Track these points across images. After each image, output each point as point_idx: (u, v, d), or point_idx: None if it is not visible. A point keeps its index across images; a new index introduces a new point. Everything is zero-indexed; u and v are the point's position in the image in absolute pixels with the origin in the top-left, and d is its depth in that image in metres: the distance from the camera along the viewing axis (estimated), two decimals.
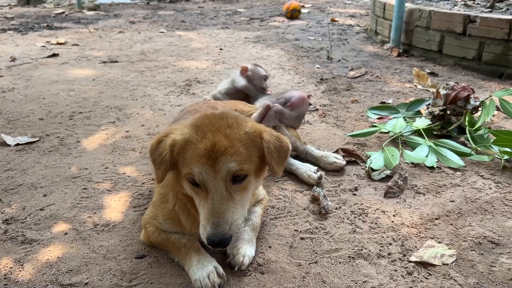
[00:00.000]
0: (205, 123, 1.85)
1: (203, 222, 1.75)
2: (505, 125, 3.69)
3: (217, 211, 1.73)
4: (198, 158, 1.74)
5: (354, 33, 7.94)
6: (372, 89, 4.76)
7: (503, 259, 2.11)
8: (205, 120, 1.87)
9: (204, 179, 1.74)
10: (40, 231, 2.35)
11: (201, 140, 1.77)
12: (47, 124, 3.80)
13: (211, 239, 1.71)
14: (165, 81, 5.13)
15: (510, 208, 2.52)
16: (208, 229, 1.71)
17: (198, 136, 1.79)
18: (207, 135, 1.79)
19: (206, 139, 1.77)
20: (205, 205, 1.76)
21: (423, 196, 2.67)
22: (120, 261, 2.12)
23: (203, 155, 1.74)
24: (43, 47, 6.88)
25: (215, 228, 1.71)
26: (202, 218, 1.76)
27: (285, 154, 1.95)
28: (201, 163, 1.74)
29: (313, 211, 2.52)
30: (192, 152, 1.76)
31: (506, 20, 4.88)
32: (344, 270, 2.05)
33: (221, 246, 1.74)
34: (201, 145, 1.76)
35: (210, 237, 1.71)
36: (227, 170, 1.75)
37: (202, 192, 1.78)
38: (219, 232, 1.70)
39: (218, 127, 1.82)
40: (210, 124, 1.83)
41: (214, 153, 1.74)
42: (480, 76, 5.14)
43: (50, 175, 2.94)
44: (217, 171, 1.74)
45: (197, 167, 1.74)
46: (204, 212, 1.75)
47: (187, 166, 1.76)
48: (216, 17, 10.12)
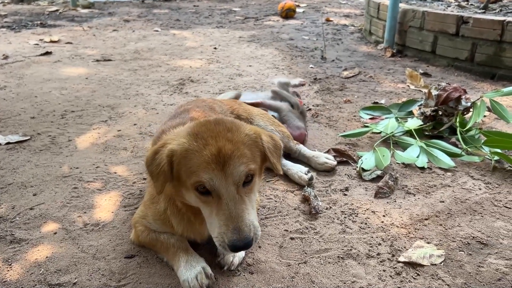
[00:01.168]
0: (202, 130, 1.81)
1: (221, 229, 1.69)
2: (496, 125, 3.71)
3: (235, 216, 1.68)
4: (206, 165, 1.69)
5: (348, 33, 7.95)
6: (365, 89, 4.77)
7: (491, 259, 2.12)
8: (202, 127, 1.83)
9: (215, 185, 1.69)
10: (29, 230, 2.34)
11: (204, 147, 1.72)
12: (38, 122, 3.78)
13: (235, 244, 1.66)
14: (158, 80, 5.12)
15: (499, 209, 2.54)
16: (230, 236, 1.66)
17: (200, 143, 1.74)
18: (209, 141, 1.74)
19: (210, 145, 1.73)
20: (219, 212, 1.70)
21: (413, 197, 2.68)
22: (109, 261, 2.11)
23: (211, 161, 1.70)
24: (36, 45, 6.84)
25: (238, 233, 1.66)
26: (219, 225, 1.70)
27: (280, 152, 2.00)
28: (210, 169, 1.69)
29: (303, 211, 2.53)
30: (197, 160, 1.71)
31: (499, 21, 4.91)
32: (333, 270, 2.06)
33: (244, 249, 1.72)
34: (205, 151, 1.71)
35: (234, 243, 1.66)
36: (238, 174, 1.72)
37: (212, 200, 1.73)
38: (242, 236, 1.66)
39: (218, 132, 1.79)
40: (208, 131, 1.79)
41: (221, 157, 1.71)
42: (473, 77, 5.16)
43: (41, 174, 2.92)
44: (227, 176, 1.70)
45: (206, 174, 1.69)
46: (220, 219, 1.69)
47: (194, 175, 1.71)
48: (211, 16, 10.11)
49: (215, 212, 1.72)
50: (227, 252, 1.73)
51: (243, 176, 1.73)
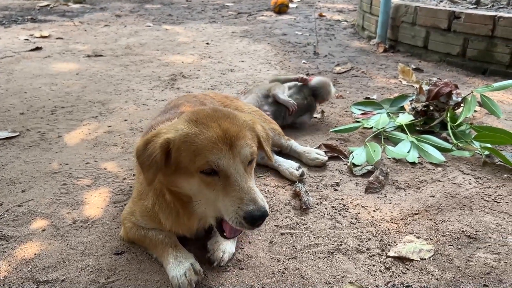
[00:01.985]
0: (201, 116, 1.81)
1: (235, 204, 1.66)
2: (487, 121, 3.73)
3: (247, 189, 1.68)
4: (213, 145, 1.70)
5: (341, 29, 7.95)
6: (357, 85, 4.77)
7: (479, 253, 2.13)
8: (199, 114, 1.84)
9: (224, 164, 1.69)
10: (18, 227, 2.32)
11: (208, 130, 1.74)
12: (28, 118, 3.75)
13: (254, 214, 1.64)
14: (149, 75, 5.08)
15: (488, 203, 2.55)
16: (245, 208, 1.64)
17: (201, 127, 1.75)
18: (211, 125, 1.76)
19: (214, 128, 1.74)
20: (229, 190, 1.69)
21: (404, 192, 2.69)
22: (98, 258, 2.10)
23: (218, 142, 1.71)
24: (26, 40, 6.77)
25: (253, 203, 1.65)
26: (232, 201, 1.67)
27: (270, 141, 2.07)
28: (217, 149, 1.70)
29: (294, 207, 2.52)
30: (201, 142, 1.71)
31: (490, 17, 4.92)
32: (323, 265, 2.06)
33: (261, 220, 1.68)
34: (210, 133, 1.72)
35: (252, 213, 1.63)
36: (245, 154, 1.75)
37: (219, 181, 1.71)
38: (258, 206, 1.65)
39: (218, 117, 1.80)
40: (207, 117, 1.80)
41: (227, 138, 1.73)
42: (464, 72, 5.18)
43: (30, 170, 2.90)
44: (235, 155, 1.72)
45: (214, 154, 1.69)
46: (232, 195, 1.67)
47: (201, 157, 1.69)
48: (203, 11, 10.05)
49: (223, 192, 1.70)
50: (246, 227, 1.68)
51: (249, 156, 1.76)
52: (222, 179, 1.71)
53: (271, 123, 3.05)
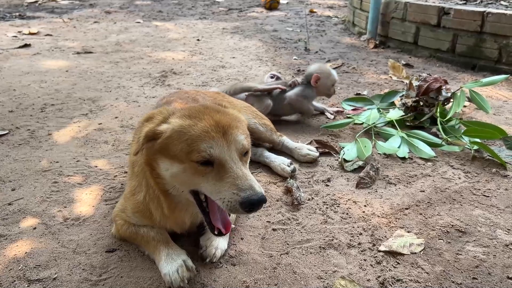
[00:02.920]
0: (192, 112, 1.83)
1: (230, 190, 1.65)
2: (476, 116, 3.76)
3: (242, 176, 1.67)
4: (206, 134, 1.71)
5: (332, 25, 7.96)
6: (348, 81, 4.79)
7: (469, 247, 2.16)
8: (191, 110, 1.85)
9: (216, 152, 1.69)
10: (8, 226, 2.30)
11: (200, 121, 1.75)
12: (17, 116, 3.71)
13: (251, 199, 1.61)
14: (140, 72, 5.06)
15: (477, 197, 2.58)
16: (242, 193, 1.62)
17: (194, 120, 1.77)
18: (204, 117, 1.77)
19: (206, 120, 1.76)
20: (224, 177, 1.67)
21: (394, 187, 2.71)
22: (90, 255, 2.09)
23: (210, 130, 1.72)
24: (14, 37, 6.69)
25: (251, 189, 1.63)
26: (228, 187, 1.65)
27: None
28: (209, 137, 1.71)
29: (286, 203, 2.53)
30: (194, 133, 1.72)
31: (479, 12, 4.96)
32: (314, 260, 2.07)
33: (259, 207, 1.66)
34: (202, 124, 1.74)
35: (250, 197, 1.61)
36: (240, 142, 1.76)
37: (213, 170, 1.71)
38: (256, 191, 1.63)
39: (209, 112, 1.82)
40: (199, 112, 1.82)
41: (220, 127, 1.75)
42: (454, 68, 5.22)
43: (20, 168, 2.87)
44: (230, 143, 1.73)
45: (206, 143, 1.70)
46: (228, 181, 1.66)
47: (194, 146, 1.69)
48: (194, 7, 10.01)
49: (218, 179, 1.69)
50: (240, 212, 1.66)
51: (245, 144, 1.78)
52: (217, 167, 1.71)
53: (262, 119, 3.05)
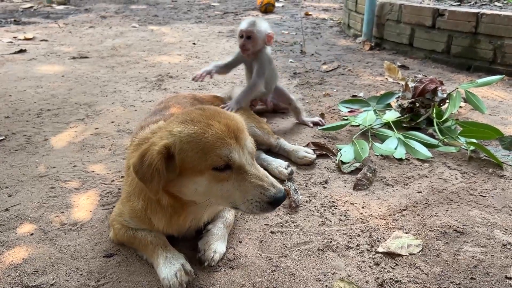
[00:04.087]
0: (193, 116, 1.81)
1: (256, 191, 1.71)
2: (472, 116, 3.78)
3: (263, 176, 1.75)
4: (222, 141, 1.72)
5: (327, 27, 7.99)
6: (344, 83, 4.80)
7: (467, 247, 2.16)
8: (191, 114, 1.84)
9: (236, 157, 1.72)
10: (5, 232, 2.29)
11: (209, 127, 1.74)
12: (13, 122, 3.70)
13: (277, 197, 1.71)
14: (136, 76, 5.05)
15: (474, 198, 2.59)
16: (268, 193, 1.71)
17: (200, 125, 1.75)
18: (210, 122, 1.76)
19: (214, 124, 1.75)
20: (246, 179, 1.73)
21: (392, 188, 2.72)
22: (88, 261, 2.08)
23: (225, 136, 1.73)
24: (10, 43, 6.68)
25: (273, 187, 1.72)
26: (252, 188, 1.72)
27: None
28: (227, 144, 1.72)
29: (284, 205, 2.53)
30: (209, 140, 1.71)
31: (473, 14, 4.99)
32: (313, 262, 2.07)
33: (282, 202, 1.76)
34: (214, 130, 1.73)
35: (276, 196, 1.71)
36: (251, 145, 1.82)
37: (232, 174, 1.74)
38: (279, 189, 1.73)
39: (211, 115, 1.82)
40: (200, 115, 1.81)
41: (231, 132, 1.76)
42: (449, 69, 5.24)
43: (16, 174, 2.86)
44: (243, 147, 1.77)
45: (225, 149, 1.71)
46: (251, 183, 1.72)
47: (212, 154, 1.70)
48: (189, 11, 10.02)
49: (239, 183, 1.73)
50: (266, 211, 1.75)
51: (253, 147, 1.83)
52: (236, 172, 1.74)
53: (260, 123, 3.06)
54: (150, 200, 1.97)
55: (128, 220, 2.10)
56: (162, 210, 1.95)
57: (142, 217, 2.03)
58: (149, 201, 1.98)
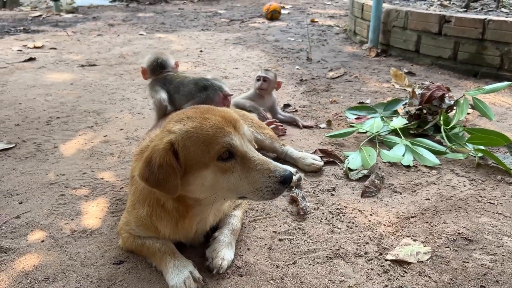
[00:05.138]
0: (189, 113, 1.83)
1: (265, 175, 1.74)
2: (479, 123, 3.77)
3: (266, 160, 1.78)
4: (221, 130, 1.74)
5: (333, 34, 8.01)
6: (351, 90, 4.81)
7: (476, 255, 2.16)
8: (186, 113, 1.86)
9: (237, 143, 1.75)
10: (16, 239, 2.32)
11: (206, 120, 1.76)
12: (23, 130, 3.74)
13: (285, 175, 1.75)
14: (144, 84, 5.07)
15: (483, 205, 2.58)
16: (277, 174, 1.74)
17: (197, 120, 1.77)
18: (206, 116, 1.79)
19: (210, 118, 1.77)
20: (251, 166, 1.75)
21: (400, 195, 2.71)
22: (98, 268, 2.10)
23: (224, 126, 1.75)
24: (19, 51, 6.77)
25: (279, 168, 1.77)
26: (260, 174, 1.74)
27: None
28: (226, 132, 1.74)
29: (291, 212, 2.54)
30: (209, 131, 1.73)
31: (480, 20, 4.99)
32: (321, 270, 2.07)
33: (291, 179, 1.79)
34: (211, 122, 1.75)
35: (284, 174, 1.75)
36: (249, 133, 1.85)
37: (236, 163, 1.76)
38: (283, 168, 1.77)
39: (205, 110, 1.84)
40: (196, 112, 1.83)
41: (229, 121, 1.78)
42: (456, 75, 5.24)
43: (26, 182, 2.89)
44: (242, 135, 1.80)
45: (227, 137, 1.73)
46: (258, 168, 1.75)
47: (214, 144, 1.71)
48: (196, 18, 10.10)
49: (245, 170, 1.76)
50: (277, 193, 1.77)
51: (251, 135, 1.85)
52: (239, 160, 1.76)
53: (261, 128, 3.07)
54: (154, 206, 1.99)
55: (134, 229, 2.12)
56: (167, 215, 1.97)
57: (148, 224, 2.04)
58: (153, 208, 1.99)
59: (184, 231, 2.03)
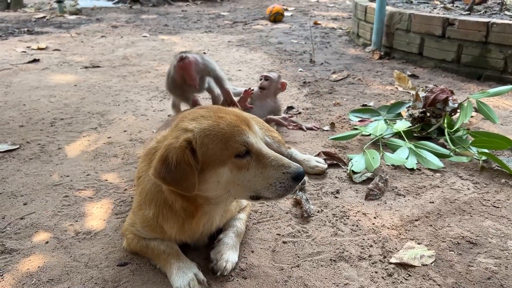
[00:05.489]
0: (202, 113, 1.86)
1: (279, 171, 1.78)
2: (483, 126, 3.77)
3: (279, 157, 1.82)
4: (238, 128, 1.78)
5: (336, 36, 8.02)
6: (354, 92, 4.81)
7: (480, 258, 2.15)
8: (199, 112, 1.89)
9: (253, 141, 1.79)
10: (21, 240, 2.32)
11: (221, 119, 1.80)
12: (27, 131, 3.76)
13: (299, 171, 1.79)
14: (147, 86, 5.11)
15: (487, 208, 2.58)
16: (290, 170, 1.78)
17: (212, 119, 1.80)
18: (219, 115, 1.82)
19: (225, 117, 1.81)
20: (266, 162, 1.79)
21: (403, 198, 2.71)
22: (102, 269, 2.11)
23: (240, 124, 1.80)
24: (23, 52, 6.79)
25: (292, 164, 1.81)
26: (274, 170, 1.78)
27: None
28: (243, 130, 1.79)
29: (295, 215, 2.54)
30: (227, 129, 1.76)
31: (483, 23, 4.99)
32: (326, 273, 2.07)
33: (304, 176, 1.84)
34: (226, 120, 1.79)
35: (298, 170, 1.79)
36: (261, 132, 1.92)
37: (251, 160, 1.79)
38: (296, 165, 1.81)
39: (217, 110, 1.88)
40: (209, 111, 1.86)
41: (243, 120, 1.83)
42: (460, 78, 5.23)
43: (31, 183, 2.90)
44: (255, 133, 1.85)
45: (243, 135, 1.78)
46: (273, 165, 1.79)
47: (232, 142, 1.75)
48: (199, 20, 10.11)
49: (261, 167, 1.79)
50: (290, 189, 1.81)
51: (262, 134, 1.91)
52: (255, 157, 1.80)
53: (270, 131, 3.08)
54: (161, 207, 1.99)
55: (140, 230, 2.12)
56: (174, 215, 1.97)
57: (154, 225, 2.04)
58: (160, 208, 2.00)
59: (191, 231, 2.03)
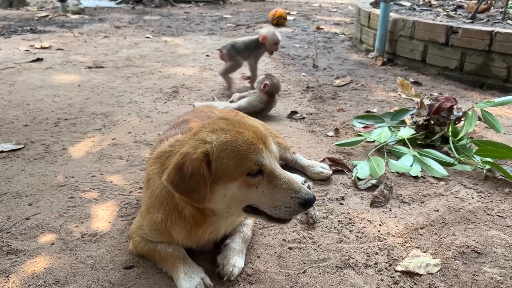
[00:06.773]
0: (221, 125, 1.86)
1: (288, 195, 1.77)
2: (487, 135, 3.78)
3: (292, 180, 1.81)
4: (255, 147, 1.77)
5: (339, 41, 8.04)
6: (357, 98, 4.83)
7: (485, 268, 2.16)
8: (218, 123, 1.88)
9: (267, 161, 1.78)
10: (26, 241, 2.32)
11: (240, 134, 1.79)
12: (32, 130, 3.75)
13: (309, 198, 1.78)
14: (151, 87, 5.11)
15: (492, 218, 2.59)
16: (300, 196, 1.77)
17: (231, 133, 1.80)
18: (239, 129, 1.82)
19: (244, 133, 1.80)
20: (277, 184, 1.78)
21: (408, 206, 2.72)
22: (108, 272, 2.11)
23: (256, 142, 1.79)
24: (26, 51, 6.79)
25: (303, 189, 1.79)
26: (284, 192, 1.77)
27: None
28: (259, 149, 1.78)
29: (301, 221, 2.55)
30: (243, 146, 1.76)
31: (487, 32, 5.01)
32: (331, 279, 2.08)
33: (314, 202, 1.82)
34: (245, 136, 1.79)
35: (307, 196, 1.77)
36: (277, 151, 1.92)
37: (263, 179, 1.78)
38: (307, 191, 1.79)
39: (237, 123, 1.87)
40: (227, 124, 1.86)
41: (260, 138, 1.82)
42: (462, 86, 5.26)
43: (36, 183, 2.90)
44: (271, 152, 1.84)
45: (258, 155, 1.77)
46: (283, 187, 1.77)
47: (246, 160, 1.75)
48: (202, 22, 10.13)
49: (271, 188, 1.78)
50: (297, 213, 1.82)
51: (278, 153, 1.91)
52: (267, 177, 1.79)
53: (277, 137, 3.08)
54: (170, 212, 1.99)
55: (147, 233, 2.13)
56: (182, 221, 1.98)
57: (162, 229, 2.05)
58: (169, 213, 2.00)
59: (197, 238, 2.04)
